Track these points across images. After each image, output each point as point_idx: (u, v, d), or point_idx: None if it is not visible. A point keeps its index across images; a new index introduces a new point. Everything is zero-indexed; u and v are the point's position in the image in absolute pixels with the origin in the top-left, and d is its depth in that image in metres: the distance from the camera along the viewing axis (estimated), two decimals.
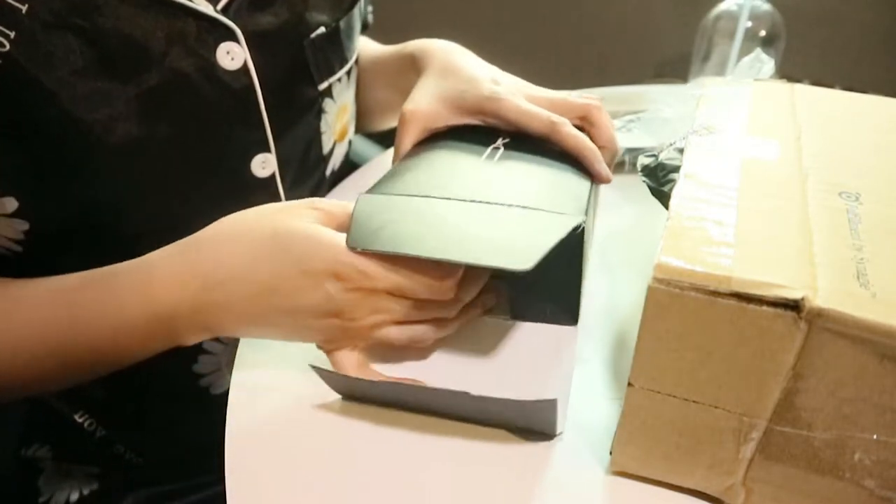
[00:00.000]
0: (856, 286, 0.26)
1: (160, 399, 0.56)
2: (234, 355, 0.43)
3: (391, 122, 0.66)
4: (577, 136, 0.45)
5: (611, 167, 0.47)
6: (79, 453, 0.58)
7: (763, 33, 1.01)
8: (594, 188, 0.45)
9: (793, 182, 0.34)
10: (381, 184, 0.43)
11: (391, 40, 0.65)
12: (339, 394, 0.39)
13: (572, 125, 0.46)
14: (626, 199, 0.57)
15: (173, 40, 0.42)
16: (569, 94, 0.50)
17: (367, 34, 0.67)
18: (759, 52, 0.61)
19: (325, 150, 0.57)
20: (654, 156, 0.42)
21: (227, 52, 0.44)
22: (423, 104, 0.49)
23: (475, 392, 0.34)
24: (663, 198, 0.41)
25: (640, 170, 0.43)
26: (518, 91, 0.48)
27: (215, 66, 0.44)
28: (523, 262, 0.34)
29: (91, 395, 0.55)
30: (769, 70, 0.59)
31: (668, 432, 0.31)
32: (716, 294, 0.26)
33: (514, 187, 0.42)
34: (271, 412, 0.39)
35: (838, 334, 0.25)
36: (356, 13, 0.57)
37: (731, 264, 0.27)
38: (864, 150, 0.37)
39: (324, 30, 0.52)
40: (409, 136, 0.49)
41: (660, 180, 0.41)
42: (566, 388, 0.40)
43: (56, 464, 0.58)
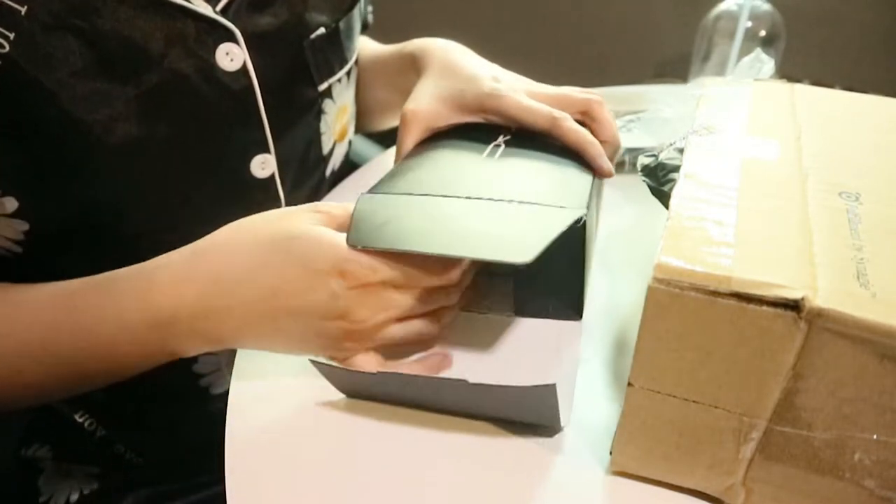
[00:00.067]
0: (856, 286, 0.26)
1: (160, 399, 0.56)
2: (234, 355, 0.43)
3: (391, 122, 0.66)
4: (578, 131, 0.45)
5: (612, 162, 0.47)
6: (79, 453, 0.58)
7: (763, 33, 1.01)
8: (596, 183, 0.45)
9: (793, 182, 0.34)
10: (382, 183, 0.43)
11: (391, 40, 0.65)
12: (339, 390, 0.39)
13: (573, 120, 0.46)
14: (626, 199, 0.57)
15: (172, 41, 0.42)
16: (570, 89, 0.50)
17: (366, 34, 0.67)
18: (759, 52, 0.61)
19: (325, 150, 0.57)
20: (654, 156, 0.42)
21: (227, 54, 0.44)
22: (424, 104, 0.49)
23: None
24: (663, 198, 0.41)
25: (640, 170, 0.43)
26: (519, 88, 0.48)
27: (214, 67, 0.44)
28: (523, 255, 0.34)
29: (91, 395, 0.54)
30: (769, 70, 0.59)
31: (668, 432, 0.31)
32: (716, 294, 0.26)
33: (515, 183, 0.42)
34: (272, 412, 0.39)
35: (838, 334, 0.25)
36: (356, 13, 0.57)
37: (731, 264, 0.27)
38: (864, 150, 0.37)
39: (323, 30, 0.52)
40: (411, 136, 0.49)
41: (660, 180, 0.41)
42: (570, 384, 0.39)
43: (56, 464, 0.58)
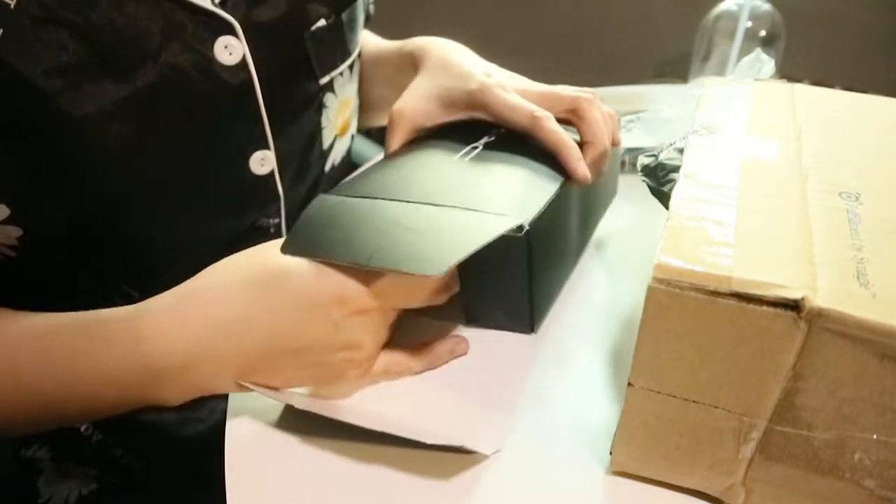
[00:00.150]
0: (856, 286, 0.26)
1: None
2: None
3: None
4: (555, 132, 0.43)
5: (599, 164, 0.45)
6: (77, 455, 0.58)
7: (763, 33, 1.02)
8: (574, 188, 0.43)
9: (793, 182, 0.34)
10: (344, 185, 0.42)
11: (391, 39, 0.64)
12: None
13: (561, 119, 0.45)
14: (626, 199, 0.57)
15: (169, 35, 0.41)
16: (562, 87, 0.48)
17: (368, 27, 0.67)
18: (759, 52, 0.61)
19: (326, 145, 0.57)
20: (654, 156, 0.42)
21: (225, 47, 0.43)
22: (411, 103, 0.49)
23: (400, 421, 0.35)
24: (663, 198, 0.41)
25: (640, 170, 0.43)
26: (509, 85, 0.47)
27: (213, 61, 0.43)
28: (435, 268, 0.32)
29: None
30: (769, 70, 0.59)
31: (668, 432, 0.31)
32: (716, 294, 0.26)
33: (471, 188, 0.40)
34: (271, 412, 0.39)
35: (838, 334, 0.25)
36: (359, 5, 0.56)
37: (731, 264, 0.27)
38: (864, 150, 0.37)
39: (324, 22, 0.50)
40: (397, 137, 0.48)
41: (660, 180, 0.41)
42: (510, 402, 0.38)
43: (55, 465, 0.58)
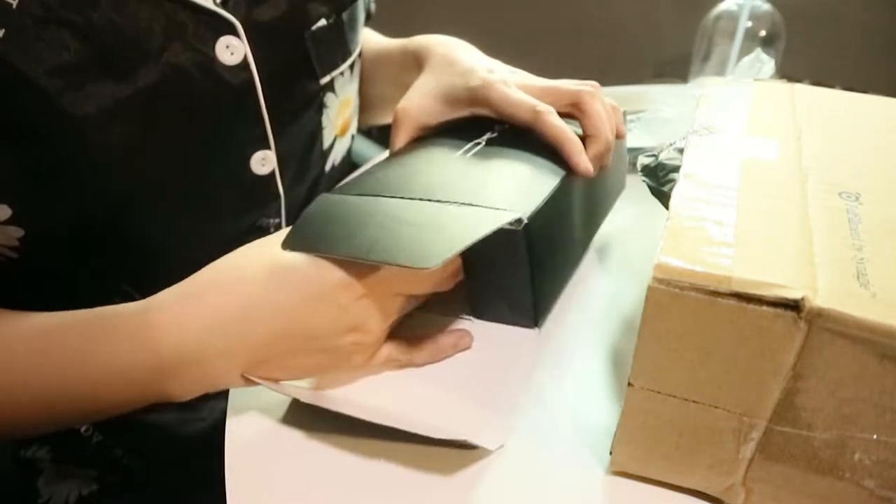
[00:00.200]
0: (856, 286, 0.26)
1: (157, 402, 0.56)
2: None
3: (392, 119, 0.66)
4: (557, 126, 0.43)
5: (602, 157, 0.45)
6: (77, 455, 0.58)
7: (763, 33, 1.02)
8: (577, 182, 0.43)
9: (793, 182, 0.34)
10: (347, 184, 0.42)
11: (392, 38, 0.64)
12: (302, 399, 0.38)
13: (563, 113, 0.45)
14: (626, 199, 0.56)
15: (171, 35, 0.41)
16: (564, 81, 0.47)
17: (369, 25, 0.67)
18: (759, 52, 0.61)
19: (326, 145, 0.57)
20: (654, 156, 0.42)
21: (227, 47, 0.43)
22: (415, 101, 0.49)
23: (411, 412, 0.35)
24: (663, 198, 0.41)
25: (640, 170, 0.43)
26: (511, 80, 0.47)
27: (214, 61, 0.43)
28: (432, 261, 0.32)
29: None
30: (769, 70, 0.59)
31: (668, 432, 0.31)
32: (716, 294, 0.26)
33: (471, 184, 0.40)
34: (272, 412, 0.39)
35: (838, 334, 0.25)
36: (360, 4, 0.56)
37: (731, 264, 0.27)
38: (864, 150, 0.37)
39: (325, 22, 0.50)
40: (401, 135, 0.48)
41: (660, 180, 0.41)
42: (513, 400, 0.39)
43: (55, 465, 0.58)
